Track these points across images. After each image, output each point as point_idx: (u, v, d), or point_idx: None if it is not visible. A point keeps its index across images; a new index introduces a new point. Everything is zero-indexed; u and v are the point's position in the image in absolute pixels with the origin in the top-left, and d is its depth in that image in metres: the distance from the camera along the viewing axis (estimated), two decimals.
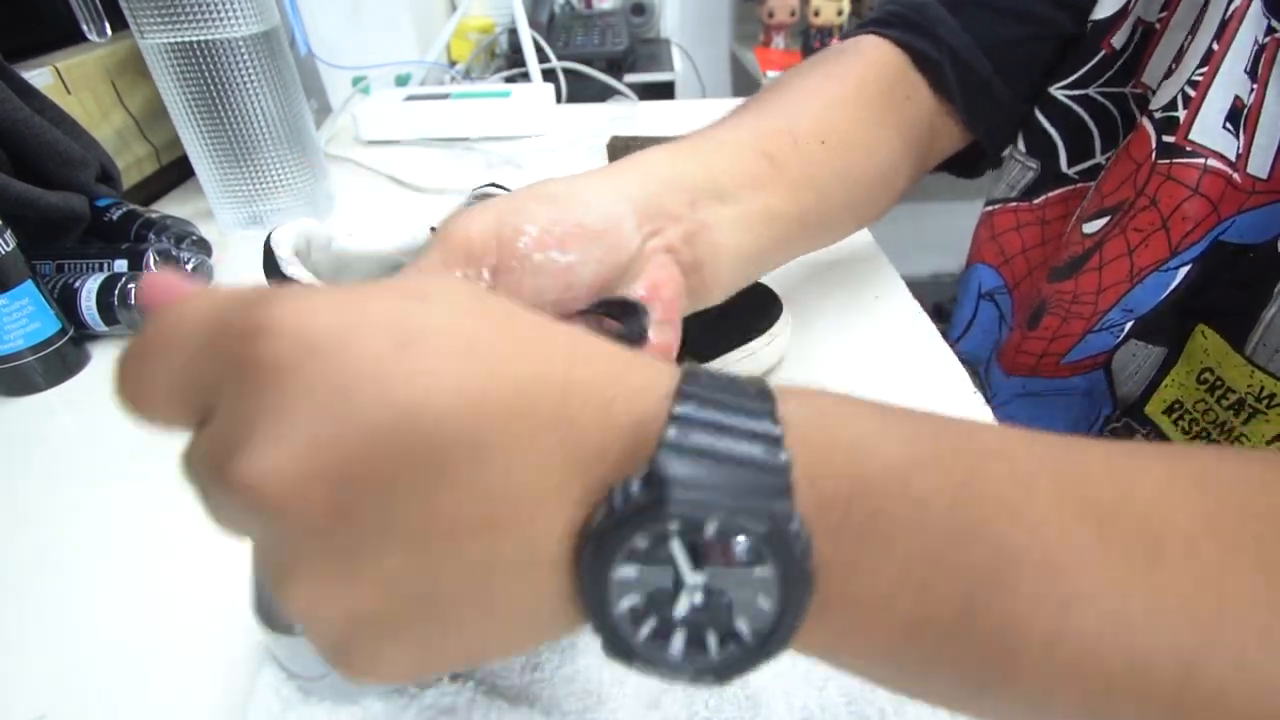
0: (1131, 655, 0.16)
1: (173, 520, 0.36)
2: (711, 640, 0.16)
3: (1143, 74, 0.43)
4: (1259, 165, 0.37)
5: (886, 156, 0.43)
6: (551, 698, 0.27)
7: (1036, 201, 0.51)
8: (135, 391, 0.16)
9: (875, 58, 0.44)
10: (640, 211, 0.30)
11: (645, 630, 0.16)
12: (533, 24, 1.06)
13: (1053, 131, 0.48)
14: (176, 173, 0.75)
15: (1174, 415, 0.42)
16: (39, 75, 0.58)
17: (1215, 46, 0.37)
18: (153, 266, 0.51)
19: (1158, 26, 0.42)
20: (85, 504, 0.37)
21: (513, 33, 1.07)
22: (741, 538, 0.15)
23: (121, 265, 0.51)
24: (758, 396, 0.16)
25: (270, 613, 0.25)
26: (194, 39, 0.55)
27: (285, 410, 0.14)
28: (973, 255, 0.57)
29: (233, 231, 0.65)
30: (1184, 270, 0.40)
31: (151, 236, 0.56)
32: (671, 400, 0.16)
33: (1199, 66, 0.38)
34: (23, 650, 0.30)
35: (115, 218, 0.57)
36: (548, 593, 0.16)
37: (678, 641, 0.16)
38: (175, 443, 0.17)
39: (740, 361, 0.41)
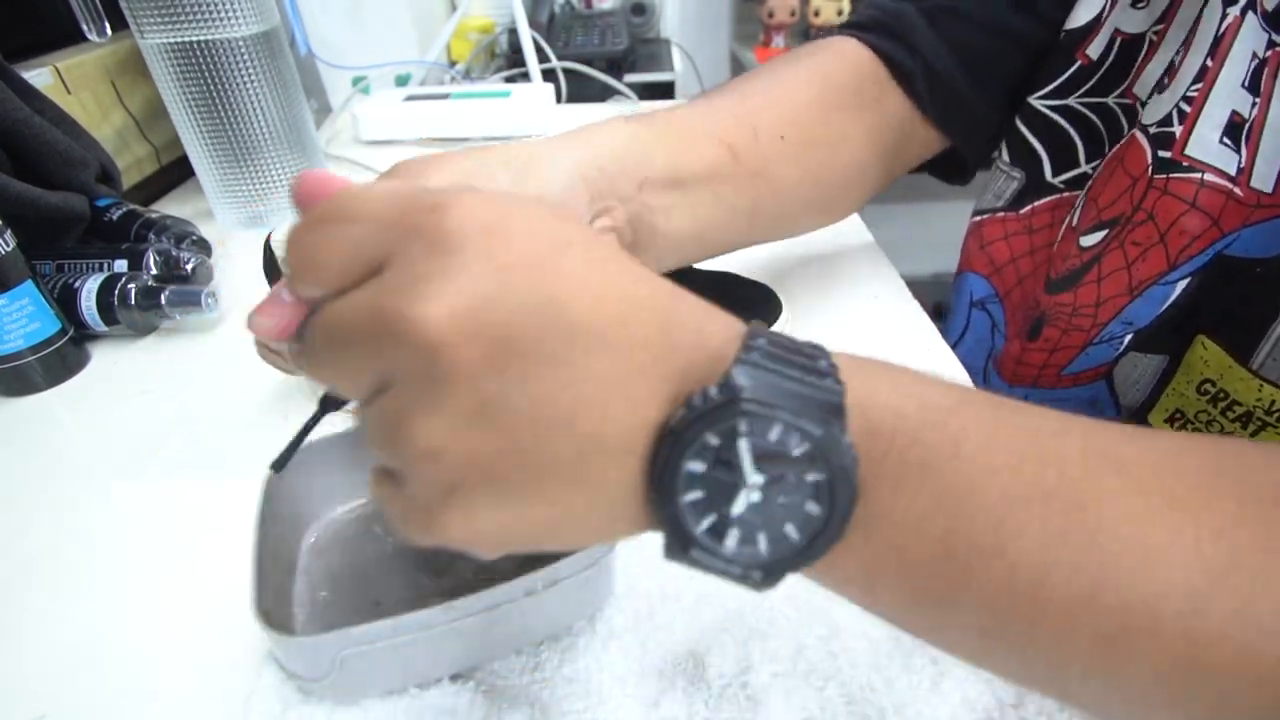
0: (1148, 590, 0.17)
1: (173, 520, 0.36)
2: (762, 539, 0.18)
3: (1134, 85, 0.43)
4: (1263, 179, 0.36)
5: (853, 157, 0.43)
6: (552, 698, 0.27)
7: (1023, 211, 0.51)
8: (311, 252, 0.19)
9: (851, 59, 0.45)
10: (592, 188, 0.30)
11: (705, 523, 0.18)
12: (533, 24, 1.06)
13: (1035, 142, 0.48)
14: (176, 173, 0.75)
15: (1176, 424, 0.42)
16: (39, 75, 0.58)
17: (1209, 63, 0.37)
18: (153, 267, 0.51)
19: (1153, 39, 0.42)
20: (85, 504, 0.37)
21: (513, 33, 1.07)
22: (800, 442, 0.17)
23: (121, 265, 0.51)
24: (813, 346, 0.19)
25: (270, 613, 0.25)
26: (194, 39, 0.55)
27: (460, 269, 0.17)
28: (962, 264, 0.57)
29: (233, 231, 0.65)
30: (1183, 284, 0.40)
31: (151, 236, 0.56)
32: (744, 338, 0.19)
33: (1194, 82, 0.37)
34: (23, 650, 0.30)
35: (115, 218, 0.57)
36: (627, 479, 0.18)
37: (732, 537, 0.18)
38: (174, 444, 0.17)
39: None
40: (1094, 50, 0.44)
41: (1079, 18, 0.44)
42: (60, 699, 0.28)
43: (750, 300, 0.43)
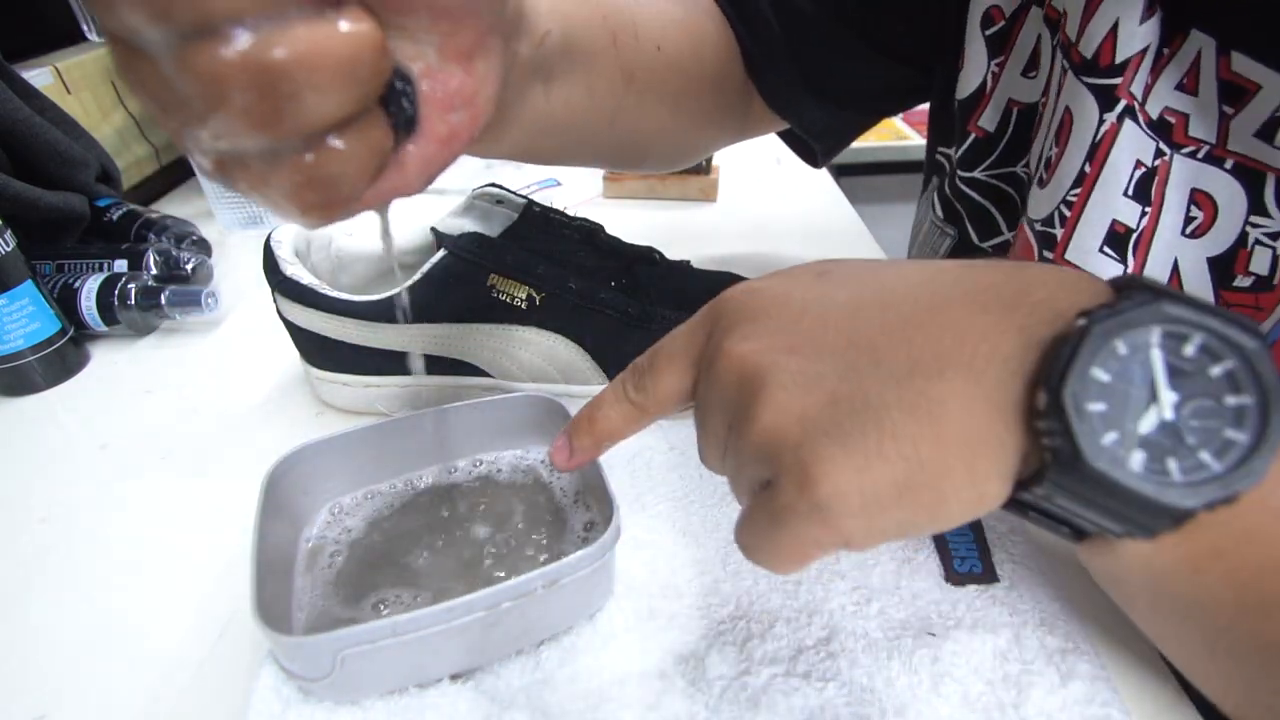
0: None
1: (172, 520, 0.36)
2: (1173, 465, 0.16)
3: (1028, 159, 0.42)
4: None
5: (709, 100, 0.42)
6: (552, 698, 0.27)
7: None
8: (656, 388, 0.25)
9: (710, 10, 0.43)
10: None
11: (1108, 439, 0.16)
12: None
13: (958, 206, 0.47)
14: (176, 173, 0.75)
15: None
16: (39, 75, 0.58)
17: (1088, 169, 0.35)
18: (153, 267, 0.51)
19: (1041, 110, 0.40)
20: (85, 504, 0.37)
21: None
22: (1227, 355, 0.16)
23: (121, 265, 0.51)
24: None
25: (270, 613, 0.25)
26: None
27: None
28: None
29: (233, 231, 0.65)
30: None
31: (151, 236, 0.56)
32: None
33: (1074, 186, 0.36)
34: (23, 650, 0.30)
35: (115, 218, 0.57)
36: (992, 402, 0.17)
37: (1138, 457, 0.16)
38: (174, 444, 0.17)
39: None
40: (987, 122, 0.43)
41: (965, 87, 0.43)
42: (60, 699, 0.28)
43: None
